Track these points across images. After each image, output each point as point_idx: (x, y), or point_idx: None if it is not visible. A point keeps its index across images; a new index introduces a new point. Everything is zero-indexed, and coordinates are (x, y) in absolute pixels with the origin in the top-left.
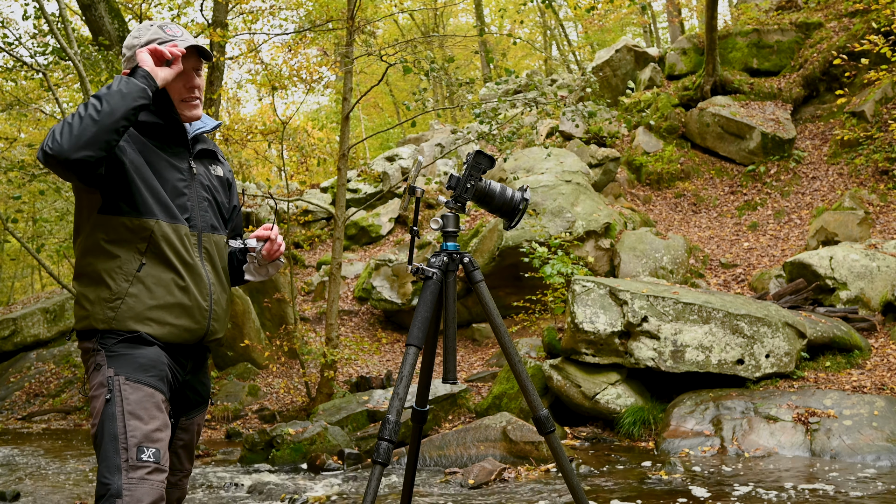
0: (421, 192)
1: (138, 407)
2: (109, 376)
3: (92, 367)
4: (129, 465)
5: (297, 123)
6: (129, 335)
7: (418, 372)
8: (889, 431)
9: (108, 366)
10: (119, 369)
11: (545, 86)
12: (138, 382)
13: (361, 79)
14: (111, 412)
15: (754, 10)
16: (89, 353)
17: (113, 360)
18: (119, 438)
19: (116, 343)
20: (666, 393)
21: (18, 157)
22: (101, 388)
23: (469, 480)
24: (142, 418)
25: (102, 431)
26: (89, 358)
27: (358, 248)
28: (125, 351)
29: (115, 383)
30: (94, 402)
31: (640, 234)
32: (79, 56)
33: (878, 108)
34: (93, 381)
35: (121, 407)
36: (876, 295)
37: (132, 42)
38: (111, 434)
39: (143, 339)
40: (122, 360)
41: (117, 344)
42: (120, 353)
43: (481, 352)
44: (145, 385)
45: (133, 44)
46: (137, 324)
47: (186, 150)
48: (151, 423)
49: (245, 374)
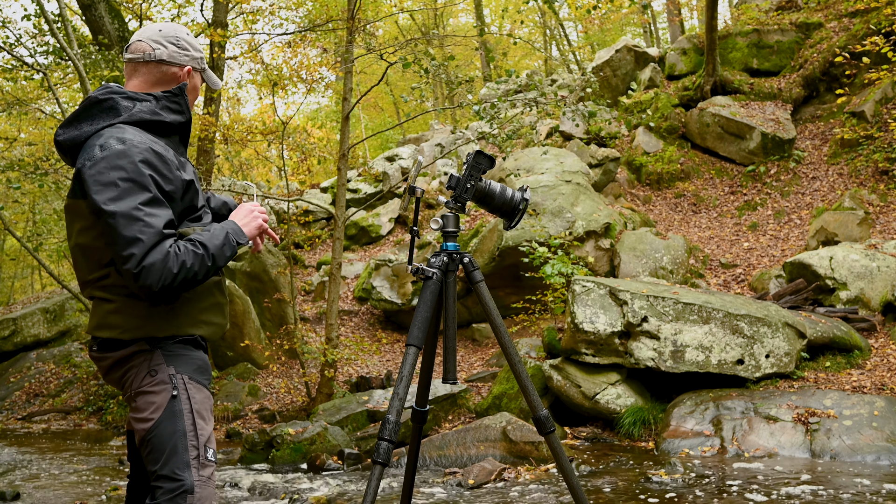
0: (421, 192)
1: (203, 407)
2: (171, 374)
3: (144, 369)
4: (199, 463)
5: (296, 123)
6: (185, 337)
7: (418, 372)
8: (889, 431)
9: (168, 364)
10: (180, 368)
11: (545, 86)
12: (199, 383)
13: (361, 79)
14: (178, 409)
15: (754, 11)
16: (135, 356)
17: (172, 360)
18: (188, 435)
19: (173, 344)
20: (666, 393)
21: (18, 157)
22: (164, 384)
23: (469, 480)
24: (205, 418)
25: (168, 427)
26: (137, 359)
27: (358, 248)
28: (182, 352)
29: (180, 381)
30: (149, 398)
31: (640, 234)
32: (79, 56)
33: (878, 108)
34: (147, 381)
35: (188, 405)
36: (876, 295)
37: (198, 47)
38: (180, 430)
39: (196, 341)
40: (181, 360)
41: (174, 345)
42: (178, 354)
43: (481, 352)
44: (204, 387)
45: (199, 50)
46: (193, 327)
47: (186, 148)
48: (210, 425)
49: (245, 374)
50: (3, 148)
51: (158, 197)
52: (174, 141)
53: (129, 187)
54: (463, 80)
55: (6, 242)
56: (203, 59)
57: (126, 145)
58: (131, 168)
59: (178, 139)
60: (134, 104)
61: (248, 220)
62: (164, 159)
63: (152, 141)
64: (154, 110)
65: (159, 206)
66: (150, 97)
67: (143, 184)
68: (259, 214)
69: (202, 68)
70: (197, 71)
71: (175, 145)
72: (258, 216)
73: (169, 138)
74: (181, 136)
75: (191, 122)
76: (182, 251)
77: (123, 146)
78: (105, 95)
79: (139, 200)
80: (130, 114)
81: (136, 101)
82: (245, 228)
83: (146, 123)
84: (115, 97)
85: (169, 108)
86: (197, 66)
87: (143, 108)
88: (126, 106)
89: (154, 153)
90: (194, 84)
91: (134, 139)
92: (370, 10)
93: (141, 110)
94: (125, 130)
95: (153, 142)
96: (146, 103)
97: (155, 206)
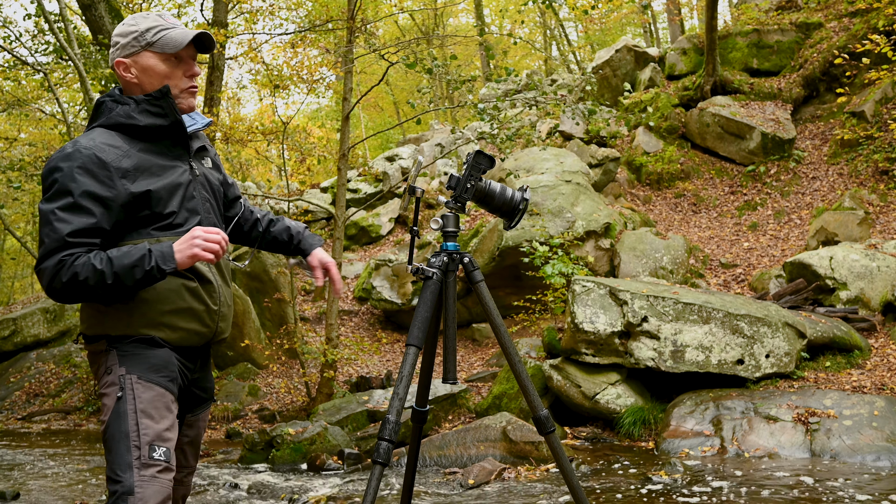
0: (421, 192)
1: (150, 406)
2: (121, 375)
3: (103, 368)
4: (140, 463)
5: (296, 123)
6: (142, 338)
7: (418, 372)
8: (889, 431)
9: (120, 365)
10: (131, 368)
11: (545, 86)
12: (150, 382)
13: (361, 79)
14: (123, 410)
15: (754, 10)
16: (99, 354)
17: (125, 360)
18: (131, 436)
19: (128, 343)
20: (666, 393)
21: (18, 157)
22: (113, 385)
23: (469, 480)
24: (153, 417)
25: (113, 429)
26: (99, 358)
27: (358, 248)
28: (137, 351)
29: (128, 382)
30: (104, 399)
31: (640, 234)
32: (79, 56)
33: (878, 108)
34: (103, 381)
35: (133, 405)
36: (876, 295)
37: (129, 30)
38: (123, 432)
39: (155, 341)
40: (133, 360)
41: (129, 344)
42: (132, 353)
43: (481, 352)
44: (157, 385)
45: (130, 31)
46: (151, 329)
47: (186, 151)
48: (162, 423)
49: (245, 374)
50: (4, 148)
51: (79, 203)
52: (164, 145)
53: (56, 190)
54: (465, 78)
55: (6, 242)
56: (142, 32)
57: (74, 149)
58: (65, 171)
59: (170, 143)
60: (116, 107)
61: (184, 247)
62: (106, 165)
63: (110, 145)
64: (129, 113)
65: (75, 213)
66: (131, 100)
67: (67, 189)
68: (202, 242)
69: (146, 43)
70: (134, 53)
71: (164, 149)
72: (198, 244)
73: (155, 143)
74: (172, 139)
75: (180, 125)
76: (80, 262)
77: (72, 149)
78: (102, 98)
79: (57, 204)
80: (108, 116)
81: (119, 103)
82: (177, 254)
83: (121, 126)
84: (107, 100)
85: (148, 111)
86: (132, 50)
87: (121, 111)
88: (110, 108)
89: (96, 159)
90: (143, 65)
91: (85, 143)
92: (370, 10)
93: (118, 113)
94: (91, 133)
95: (109, 147)
96: (125, 106)
97: (70, 212)
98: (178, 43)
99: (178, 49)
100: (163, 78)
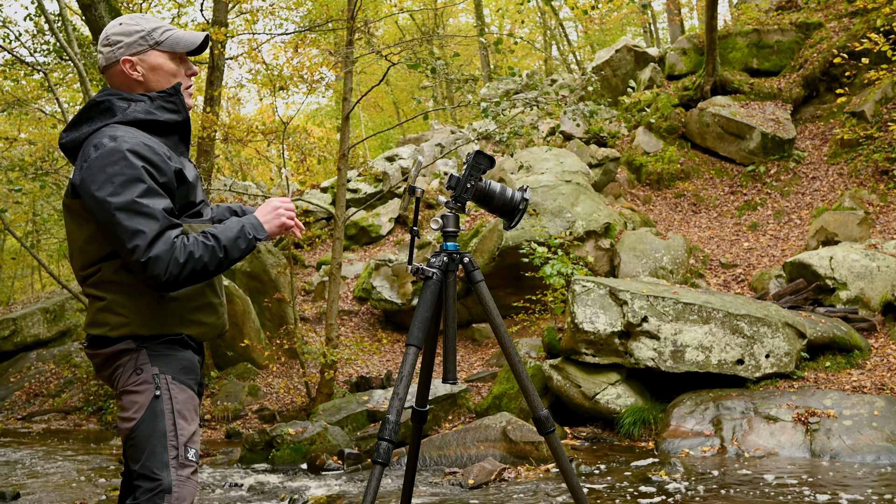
0: (421, 192)
1: (184, 407)
2: (155, 374)
3: (129, 368)
4: (178, 463)
5: (297, 123)
6: (172, 337)
7: (418, 372)
8: (889, 431)
9: (153, 364)
10: (164, 369)
11: (545, 86)
12: (182, 384)
13: (362, 79)
14: (160, 409)
15: (754, 10)
16: (124, 353)
17: (157, 360)
18: (168, 436)
19: (158, 344)
20: (666, 393)
21: (19, 157)
22: (147, 384)
23: (469, 480)
24: (187, 419)
25: (148, 427)
26: (124, 357)
27: (358, 248)
28: (167, 351)
29: (163, 381)
30: (133, 397)
31: (640, 234)
32: (79, 56)
33: (878, 108)
34: (131, 380)
35: (170, 405)
36: (876, 295)
37: (133, 29)
38: (160, 430)
39: (184, 341)
40: (166, 360)
41: (159, 345)
42: (163, 353)
43: (481, 352)
44: (187, 387)
45: (135, 30)
46: (183, 327)
47: (187, 148)
48: (193, 425)
49: (245, 374)
50: (4, 148)
51: (154, 188)
52: (173, 140)
53: (124, 181)
54: (467, 77)
55: (6, 242)
56: (149, 31)
57: (117, 142)
58: (125, 163)
59: (178, 139)
60: (129, 104)
61: (270, 217)
62: (156, 151)
63: (145, 137)
64: (148, 110)
65: (156, 197)
66: (145, 97)
67: (138, 177)
68: (285, 212)
69: (154, 42)
70: (141, 52)
71: (174, 144)
72: (283, 213)
73: (167, 137)
74: (180, 135)
75: (188, 122)
76: (191, 241)
77: (115, 143)
78: (102, 98)
79: (136, 193)
80: (125, 114)
81: (131, 101)
82: (266, 225)
83: (141, 123)
84: (112, 99)
85: (164, 107)
86: (139, 48)
87: (138, 108)
88: (121, 106)
89: (146, 146)
90: (151, 64)
91: (125, 136)
92: (370, 10)
93: (135, 110)
94: (117, 129)
95: (146, 138)
96: (141, 104)
97: (152, 197)
98: (189, 43)
99: (189, 49)
100: (171, 76)
